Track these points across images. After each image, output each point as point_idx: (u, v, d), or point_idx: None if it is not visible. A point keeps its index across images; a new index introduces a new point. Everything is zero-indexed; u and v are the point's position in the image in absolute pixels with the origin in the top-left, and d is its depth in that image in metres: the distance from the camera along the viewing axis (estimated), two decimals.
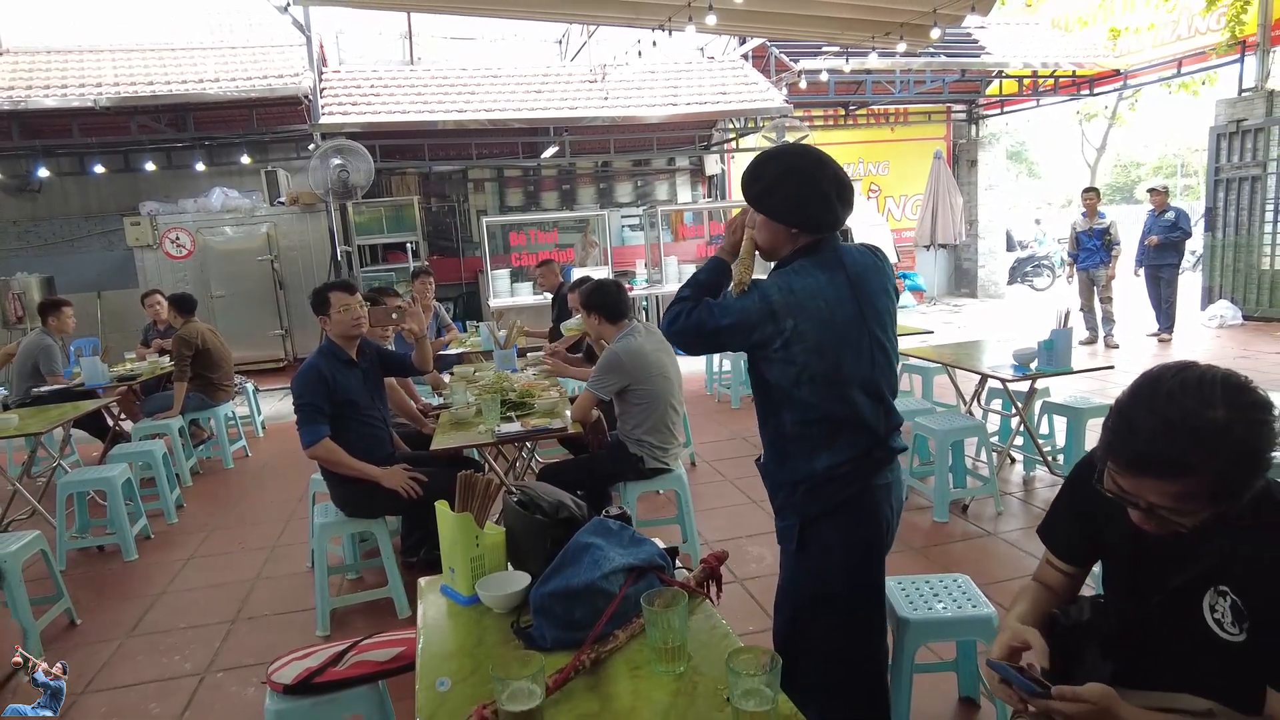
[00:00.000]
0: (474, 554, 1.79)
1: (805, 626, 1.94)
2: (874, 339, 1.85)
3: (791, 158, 1.86)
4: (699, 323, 1.84)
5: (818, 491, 1.86)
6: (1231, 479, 1.20)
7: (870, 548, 1.91)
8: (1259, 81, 9.40)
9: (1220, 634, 1.31)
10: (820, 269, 1.81)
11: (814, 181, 1.81)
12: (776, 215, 1.85)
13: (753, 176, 1.86)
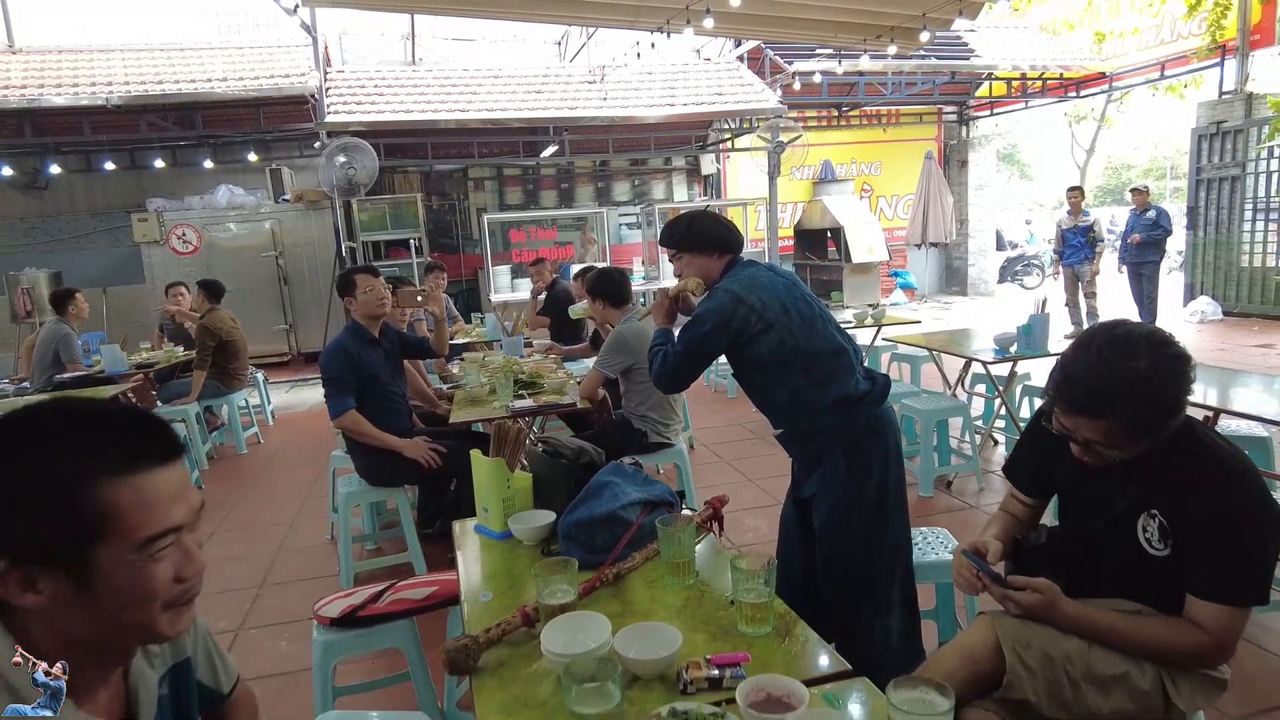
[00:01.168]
0: (506, 495, 2.03)
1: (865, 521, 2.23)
2: (813, 298, 2.33)
3: (690, 214, 2.44)
4: (685, 347, 2.25)
5: (848, 416, 2.21)
6: (1151, 418, 1.44)
7: (892, 451, 2.26)
8: (1238, 84, 9.69)
9: (1150, 550, 1.55)
10: (746, 268, 2.33)
11: (711, 218, 2.41)
12: (700, 247, 2.36)
13: (670, 232, 2.40)
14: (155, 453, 0.90)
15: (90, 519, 0.84)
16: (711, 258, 2.36)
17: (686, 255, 2.37)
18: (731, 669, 1.31)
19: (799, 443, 2.33)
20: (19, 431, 0.85)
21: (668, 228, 2.43)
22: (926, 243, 13.13)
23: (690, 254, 2.37)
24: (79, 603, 0.86)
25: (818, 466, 2.27)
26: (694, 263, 2.37)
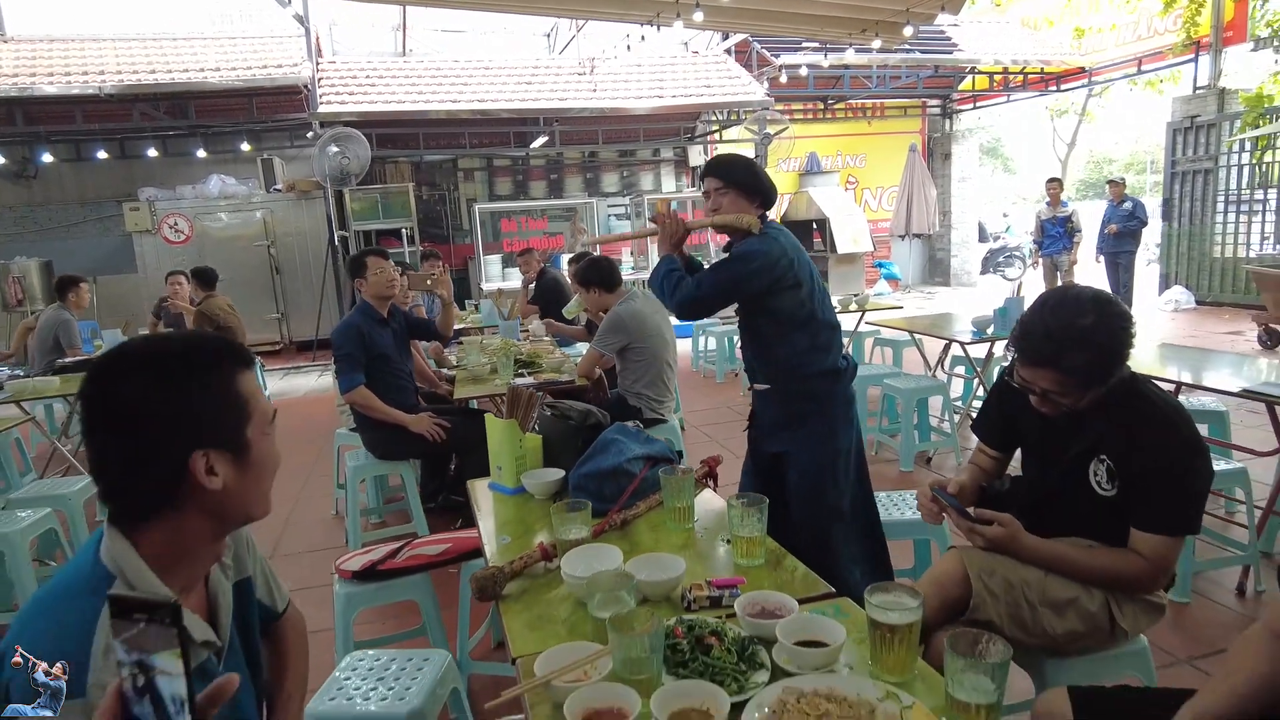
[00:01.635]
0: (519, 454, 2.20)
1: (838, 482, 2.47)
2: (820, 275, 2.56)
3: (744, 157, 2.55)
4: (723, 278, 2.36)
5: (833, 387, 2.46)
6: (1097, 368, 1.64)
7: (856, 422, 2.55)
8: (1212, 80, 9.95)
9: (1099, 492, 1.74)
10: (779, 226, 2.48)
11: (762, 168, 2.56)
12: (750, 189, 2.44)
13: (727, 167, 2.47)
14: (251, 358, 1.14)
15: (242, 404, 1.07)
16: (753, 203, 2.45)
17: (733, 193, 2.44)
18: (729, 590, 1.49)
19: (780, 402, 2.49)
20: (185, 350, 1.06)
21: (723, 161, 2.50)
22: (910, 234, 13.36)
23: (737, 192, 2.44)
24: (240, 481, 1.06)
25: (790, 427, 2.46)
26: (737, 202, 2.44)
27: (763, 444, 2.57)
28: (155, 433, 1.00)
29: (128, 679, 0.66)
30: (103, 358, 1.04)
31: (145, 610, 0.65)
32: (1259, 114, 9.14)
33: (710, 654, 1.25)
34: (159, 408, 1.00)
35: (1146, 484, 1.64)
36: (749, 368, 2.60)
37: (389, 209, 10.62)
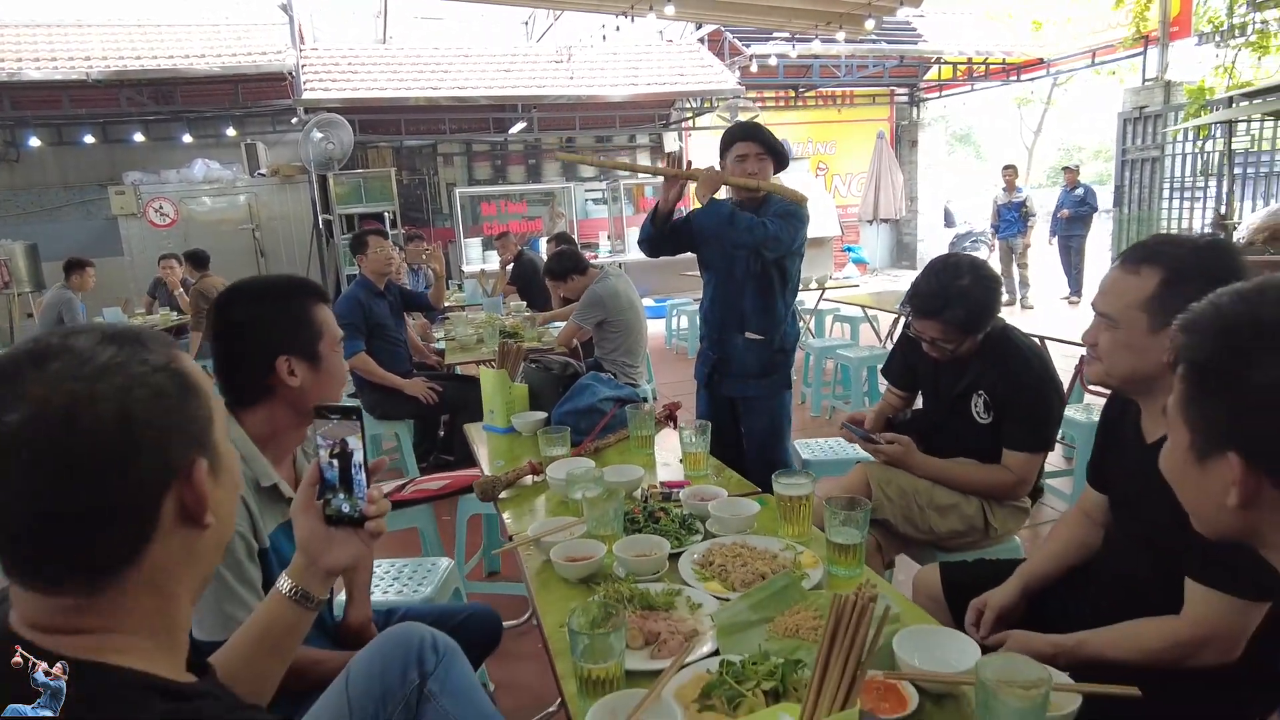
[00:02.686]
0: (508, 399, 2.60)
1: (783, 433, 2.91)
2: None
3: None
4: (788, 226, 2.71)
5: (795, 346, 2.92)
6: (971, 319, 2.06)
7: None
8: (1159, 72, 10.46)
9: (979, 421, 2.17)
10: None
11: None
12: (781, 160, 2.84)
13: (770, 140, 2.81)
14: (325, 294, 1.54)
15: (317, 325, 1.47)
16: (773, 169, 2.81)
17: (770, 160, 2.79)
18: (677, 489, 1.91)
19: (762, 349, 2.84)
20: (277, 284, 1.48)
21: (759, 127, 2.86)
22: (878, 219, 13.83)
23: (772, 160, 2.80)
24: (314, 383, 1.45)
25: (763, 375, 2.87)
26: (767, 170, 2.79)
27: (724, 388, 2.95)
28: (252, 341, 1.41)
29: (324, 455, 1.06)
30: (225, 290, 1.44)
31: (338, 412, 1.06)
32: (1201, 105, 9.64)
33: (659, 523, 1.67)
34: (255, 324, 1.42)
35: (1013, 411, 2.07)
36: (738, 320, 2.87)
37: (371, 193, 10.86)
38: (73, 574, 0.69)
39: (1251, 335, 0.76)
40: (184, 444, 0.73)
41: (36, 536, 0.67)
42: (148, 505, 0.71)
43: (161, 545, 0.72)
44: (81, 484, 0.67)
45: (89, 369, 0.68)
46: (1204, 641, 1.26)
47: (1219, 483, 0.78)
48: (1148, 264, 1.34)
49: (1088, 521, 1.67)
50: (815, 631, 1.24)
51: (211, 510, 0.75)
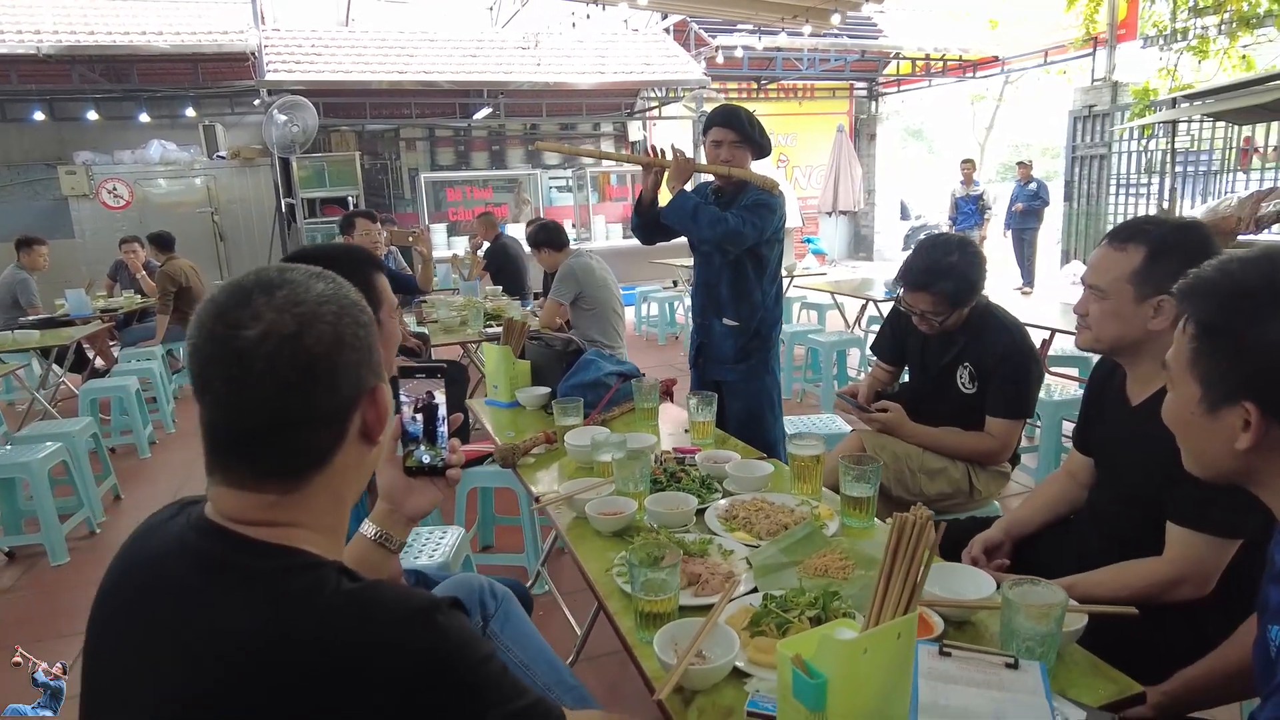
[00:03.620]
0: (512, 374, 2.68)
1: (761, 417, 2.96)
2: None
3: (750, 113, 2.81)
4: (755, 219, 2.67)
5: (777, 332, 2.95)
6: (960, 292, 2.21)
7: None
8: (1107, 73, 10.88)
9: (964, 391, 2.32)
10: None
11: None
12: (759, 147, 2.78)
13: (747, 123, 2.74)
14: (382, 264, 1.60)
15: (380, 294, 1.52)
16: (751, 156, 2.77)
17: (747, 148, 2.73)
18: (689, 455, 2.02)
19: (737, 335, 2.89)
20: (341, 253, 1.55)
21: (740, 115, 2.74)
22: (837, 211, 14.10)
23: (749, 148, 2.74)
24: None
25: (742, 360, 2.92)
26: (743, 158, 2.74)
27: (709, 371, 3.02)
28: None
29: (407, 411, 1.14)
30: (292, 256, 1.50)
31: (422, 370, 1.13)
32: (1145, 106, 10.07)
33: (680, 483, 1.78)
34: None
35: (995, 381, 2.23)
36: (716, 306, 2.90)
37: (335, 177, 10.74)
38: (280, 472, 0.81)
39: (1267, 298, 0.89)
40: (371, 369, 0.84)
41: (263, 436, 0.79)
42: (344, 418, 0.83)
43: (344, 454, 0.84)
44: (301, 393, 0.79)
45: (310, 297, 0.80)
46: (1182, 578, 1.41)
47: (1228, 429, 0.91)
48: (1134, 241, 1.48)
49: (1072, 482, 1.83)
50: (843, 570, 1.37)
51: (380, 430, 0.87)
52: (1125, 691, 1.11)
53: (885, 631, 0.89)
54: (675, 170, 2.71)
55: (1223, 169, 10.08)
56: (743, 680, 1.12)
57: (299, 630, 0.74)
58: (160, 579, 0.81)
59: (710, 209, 2.69)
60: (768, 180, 2.75)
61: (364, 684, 0.73)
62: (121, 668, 0.81)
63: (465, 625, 0.83)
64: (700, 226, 2.65)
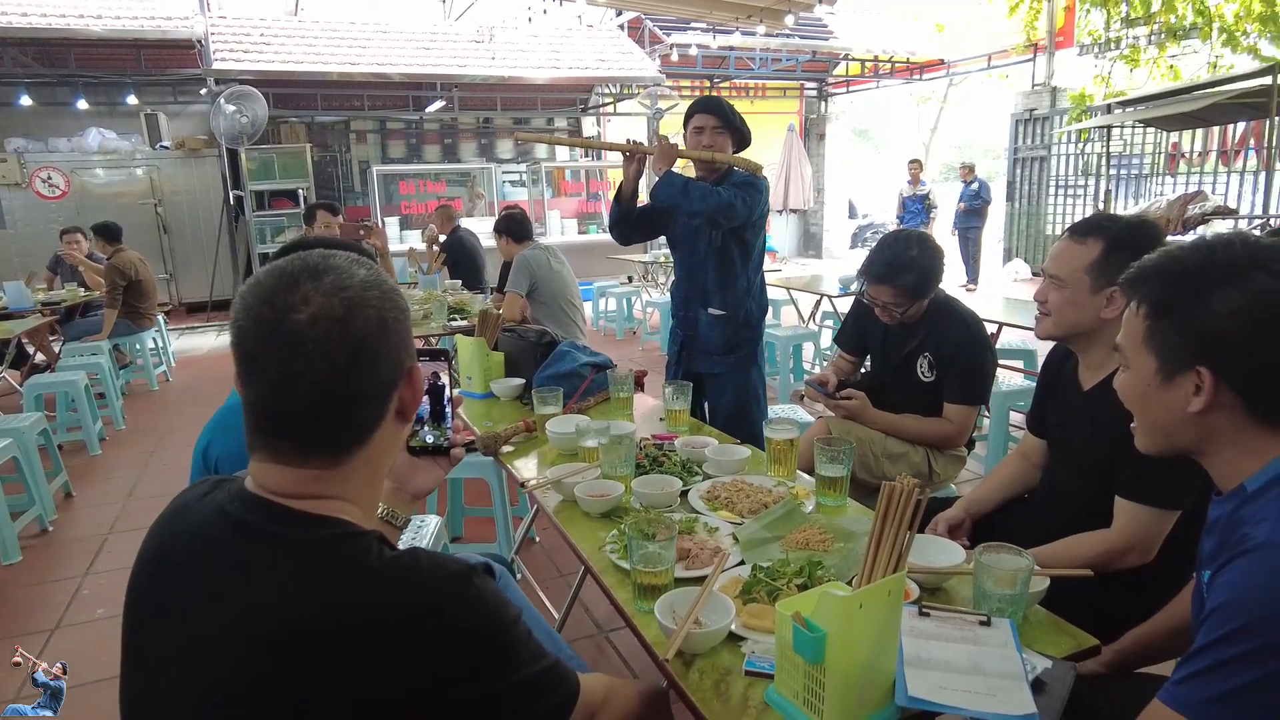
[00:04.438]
0: (486, 365, 2.72)
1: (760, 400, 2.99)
2: None
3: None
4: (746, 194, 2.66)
5: (764, 321, 2.98)
6: (920, 286, 2.33)
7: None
8: (1046, 79, 11.30)
9: (923, 379, 2.44)
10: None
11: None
12: (740, 135, 2.81)
13: (730, 112, 2.79)
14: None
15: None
16: (731, 145, 2.78)
17: (728, 135, 2.76)
18: (667, 441, 2.09)
19: (727, 325, 2.85)
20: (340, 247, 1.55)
21: (723, 104, 2.78)
22: (787, 209, 14.35)
23: (731, 135, 2.77)
24: None
25: (729, 351, 2.91)
26: (725, 145, 2.75)
27: (694, 364, 2.97)
28: None
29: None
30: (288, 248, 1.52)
31: (427, 354, 1.16)
32: (1082, 111, 10.49)
33: (663, 467, 1.85)
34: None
35: (954, 370, 2.35)
36: (702, 295, 2.87)
37: (285, 169, 10.54)
38: (326, 449, 0.85)
39: (1208, 275, 1.00)
40: (408, 350, 0.89)
41: (312, 415, 0.83)
42: (386, 397, 0.88)
43: (382, 432, 0.89)
44: (349, 375, 0.83)
45: (355, 282, 0.84)
46: (1129, 547, 1.54)
47: (1183, 396, 1.02)
48: (1093, 235, 1.61)
49: (1026, 463, 1.96)
50: (823, 543, 1.46)
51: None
52: (1083, 645, 1.23)
53: (878, 588, 0.98)
54: (659, 154, 2.71)
55: (1153, 172, 10.56)
56: (738, 644, 1.20)
57: (346, 597, 0.79)
58: (205, 549, 0.85)
59: (701, 183, 2.70)
60: (752, 163, 2.74)
61: (407, 646, 0.78)
62: (168, 637, 0.84)
63: (497, 589, 0.88)
64: (693, 200, 2.64)
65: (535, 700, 0.88)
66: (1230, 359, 0.99)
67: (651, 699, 1.15)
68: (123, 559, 3.38)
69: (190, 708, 0.81)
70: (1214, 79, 8.32)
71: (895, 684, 1.04)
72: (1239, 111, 7.90)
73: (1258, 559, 0.93)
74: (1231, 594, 0.93)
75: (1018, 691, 1.02)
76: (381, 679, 0.77)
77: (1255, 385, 1.00)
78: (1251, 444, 1.03)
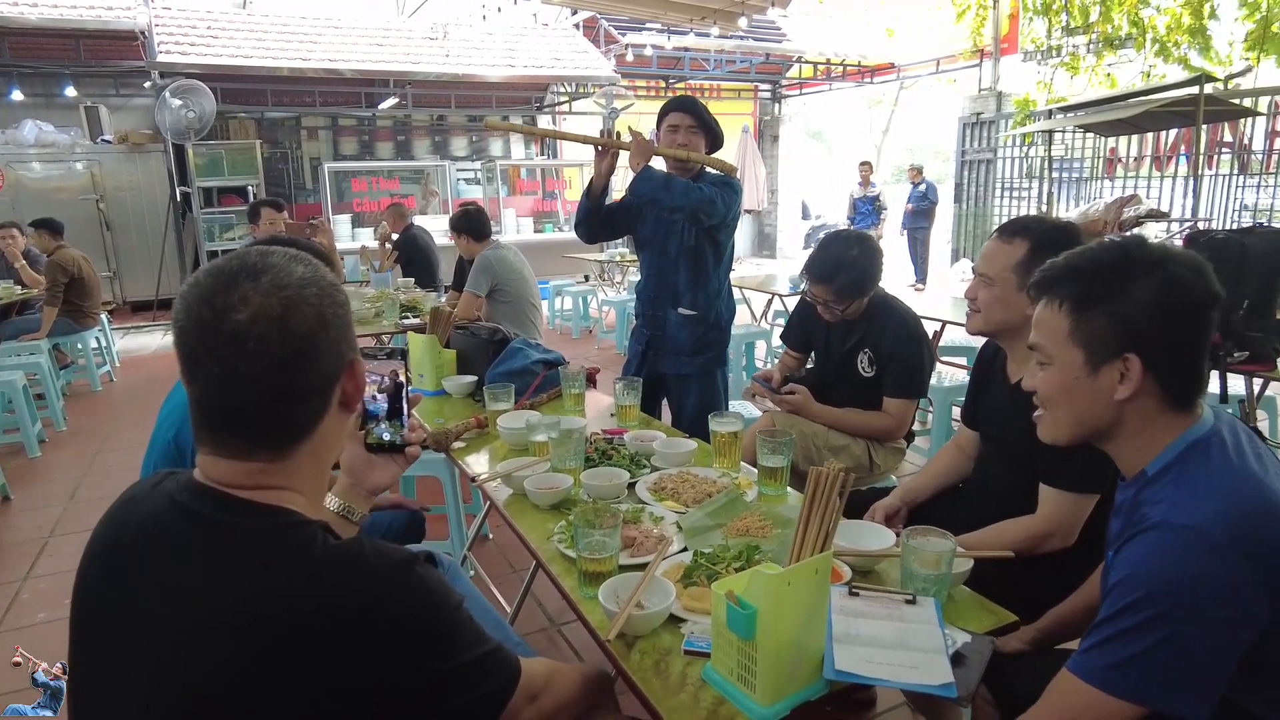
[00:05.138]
0: (438, 363, 2.73)
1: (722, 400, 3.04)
2: None
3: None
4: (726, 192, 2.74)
5: (732, 322, 3.03)
6: (858, 283, 2.41)
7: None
8: (992, 84, 11.61)
9: (864, 374, 2.52)
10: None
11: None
12: (715, 136, 2.84)
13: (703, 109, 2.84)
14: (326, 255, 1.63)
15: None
16: (705, 144, 2.81)
17: (702, 135, 2.79)
18: (617, 435, 2.14)
19: (697, 325, 2.89)
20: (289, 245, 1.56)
21: (698, 103, 2.83)
22: (742, 209, 14.48)
23: (705, 136, 2.80)
24: None
25: (698, 352, 2.93)
26: (699, 144, 2.79)
27: (661, 364, 2.98)
28: None
29: (369, 390, 1.19)
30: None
31: (383, 352, 1.20)
32: (1026, 115, 10.80)
33: (612, 460, 1.90)
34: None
35: (893, 365, 2.44)
36: (672, 295, 2.89)
37: (234, 166, 10.33)
38: (271, 442, 0.88)
39: (1130, 268, 1.08)
40: (349, 343, 0.91)
41: (256, 410, 0.86)
42: (328, 390, 0.91)
43: (326, 423, 0.92)
44: (290, 371, 0.85)
45: (293, 280, 0.86)
46: (1051, 532, 1.63)
47: (1109, 385, 1.09)
48: (1019, 236, 1.70)
49: (960, 454, 2.05)
50: (763, 530, 1.52)
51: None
52: (1003, 621, 1.30)
53: (805, 567, 1.04)
54: (636, 149, 2.68)
55: (1092, 176, 10.92)
56: (678, 625, 1.25)
57: (292, 585, 0.81)
58: (156, 539, 0.87)
59: (681, 179, 2.70)
60: (726, 164, 2.78)
61: (358, 635, 0.81)
62: (121, 632, 0.85)
63: (439, 576, 0.91)
64: (674, 194, 2.62)
65: (477, 683, 0.91)
66: (1151, 344, 1.08)
67: (595, 681, 1.20)
68: (64, 562, 3.31)
69: (148, 704, 0.81)
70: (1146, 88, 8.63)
71: (824, 659, 1.10)
72: (1169, 119, 8.20)
73: (1153, 537, 1.01)
74: (1130, 569, 1.01)
75: (938, 664, 1.09)
76: (335, 669, 0.80)
77: (1170, 369, 1.09)
78: (1156, 430, 1.11)
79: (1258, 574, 0.95)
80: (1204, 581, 0.95)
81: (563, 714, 1.11)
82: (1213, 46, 9.45)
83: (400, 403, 1.21)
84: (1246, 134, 8.72)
